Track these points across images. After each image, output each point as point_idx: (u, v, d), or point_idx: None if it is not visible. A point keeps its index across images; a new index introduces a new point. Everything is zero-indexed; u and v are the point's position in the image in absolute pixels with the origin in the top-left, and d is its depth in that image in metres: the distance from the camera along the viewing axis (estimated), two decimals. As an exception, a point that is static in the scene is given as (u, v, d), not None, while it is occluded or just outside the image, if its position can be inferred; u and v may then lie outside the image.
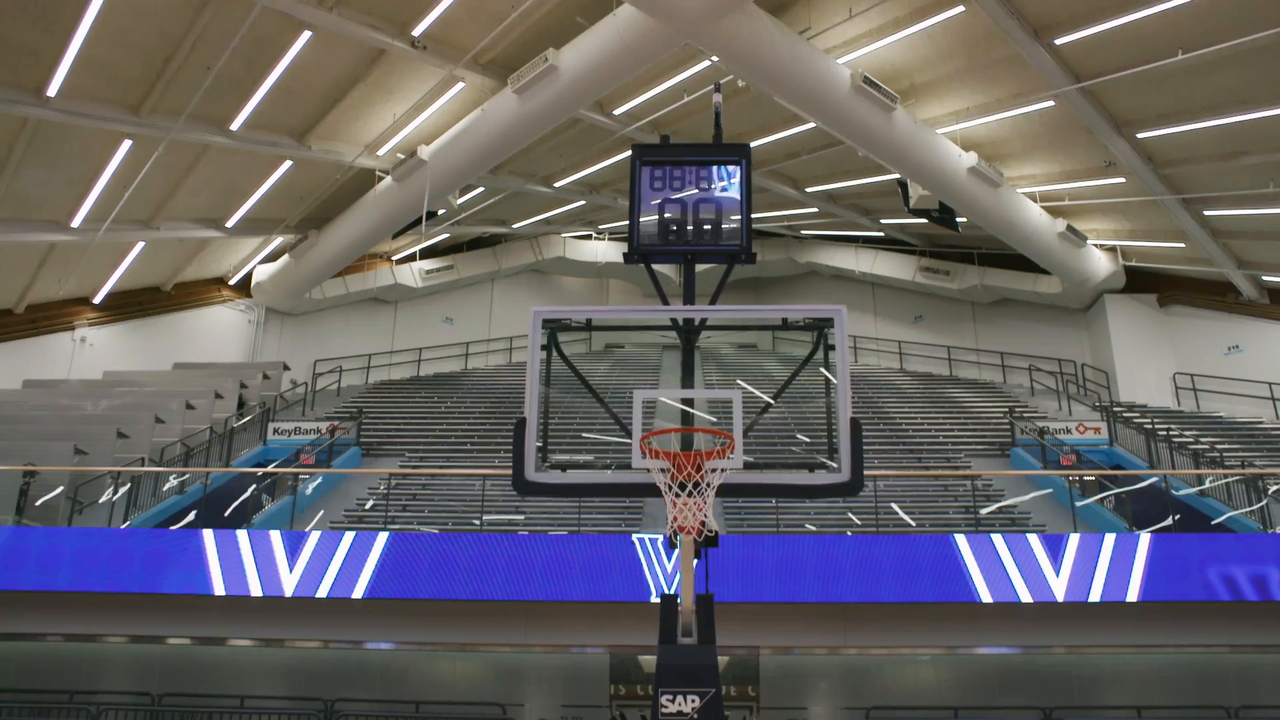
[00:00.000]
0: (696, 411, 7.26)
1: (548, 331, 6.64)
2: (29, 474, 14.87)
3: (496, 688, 12.99)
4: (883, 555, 11.32)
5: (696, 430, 6.33)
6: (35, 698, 12.55)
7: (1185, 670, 12.72)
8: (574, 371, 7.09)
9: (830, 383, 6.51)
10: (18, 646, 13.27)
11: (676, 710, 7.97)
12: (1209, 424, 21.48)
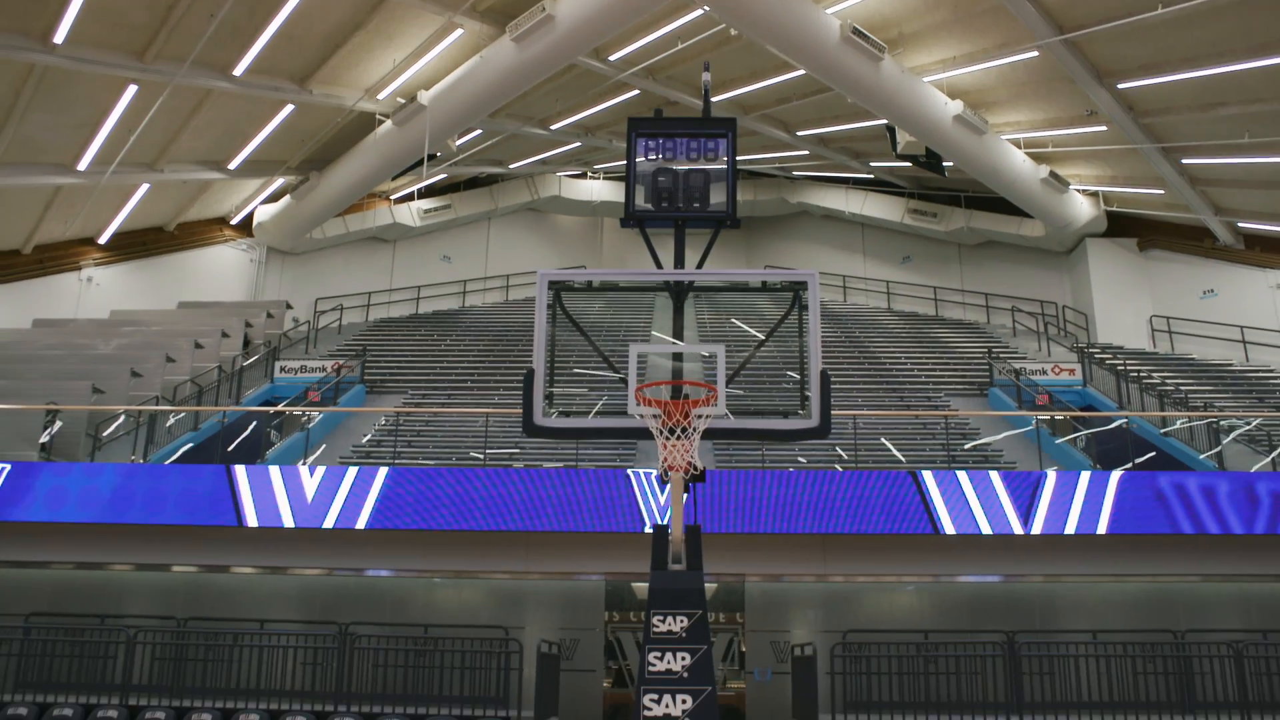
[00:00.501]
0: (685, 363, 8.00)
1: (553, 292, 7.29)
2: (51, 412, 15.60)
3: (499, 612, 13.91)
4: (861, 490, 12.15)
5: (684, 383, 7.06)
6: (68, 621, 13.41)
7: (1138, 598, 13.69)
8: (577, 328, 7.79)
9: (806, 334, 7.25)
10: (51, 574, 14.11)
11: (666, 630, 8.84)
12: (1181, 366, 22.33)
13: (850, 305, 30.21)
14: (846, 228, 31.57)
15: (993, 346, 23.27)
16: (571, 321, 7.72)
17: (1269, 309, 23.18)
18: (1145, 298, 25.17)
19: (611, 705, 14.00)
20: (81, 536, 12.81)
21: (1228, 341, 23.38)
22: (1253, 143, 18.79)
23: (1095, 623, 13.29)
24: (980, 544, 12.22)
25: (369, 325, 27.44)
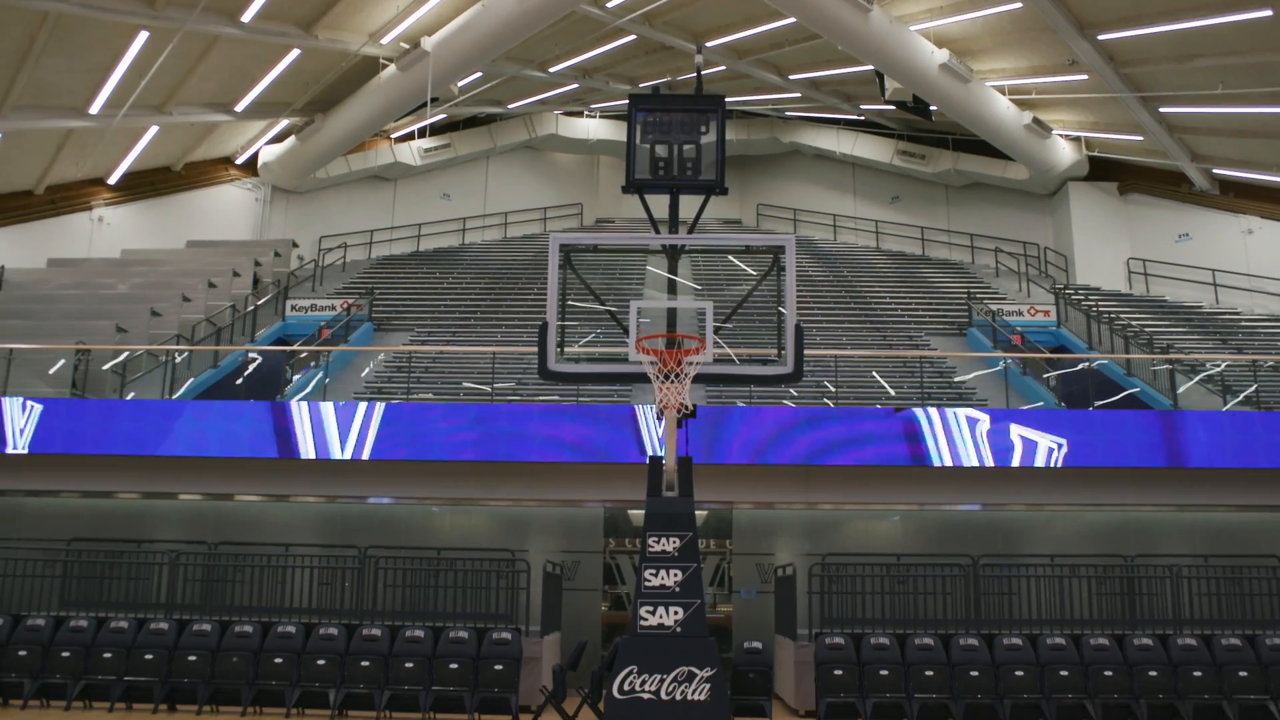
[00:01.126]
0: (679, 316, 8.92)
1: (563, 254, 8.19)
2: (81, 352, 16.52)
3: (506, 537, 15.03)
4: (841, 424, 13.19)
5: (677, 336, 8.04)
6: (108, 545, 14.50)
7: (1092, 526, 14.86)
8: (587, 289, 8.69)
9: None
10: (88, 502, 15.16)
11: (661, 550, 9.95)
12: (1153, 307, 23.34)
13: (840, 244, 31.04)
14: (837, 168, 32.22)
15: (973, 289, 24.21)
16: (581, 281, 8.62)
17: (1240, 253, 24.13)
18: (1124, 240, 26.07)
19: (608, 624, 15.20)
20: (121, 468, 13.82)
21: (1200, 284, 24.37)
22: (1226, 94, 19.55)
23: (1053, 548, 14.44)
24: (950, 475, 13.30)
25: (372, 263, 28.24)
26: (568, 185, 34.29)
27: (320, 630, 11.52)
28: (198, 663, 11.17)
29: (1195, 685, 10.98)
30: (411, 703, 10.96)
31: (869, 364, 18.63)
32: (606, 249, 14.35)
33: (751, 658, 11.53)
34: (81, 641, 11.50)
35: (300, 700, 10.98)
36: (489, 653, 11.21)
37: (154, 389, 16.68)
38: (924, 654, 11.22)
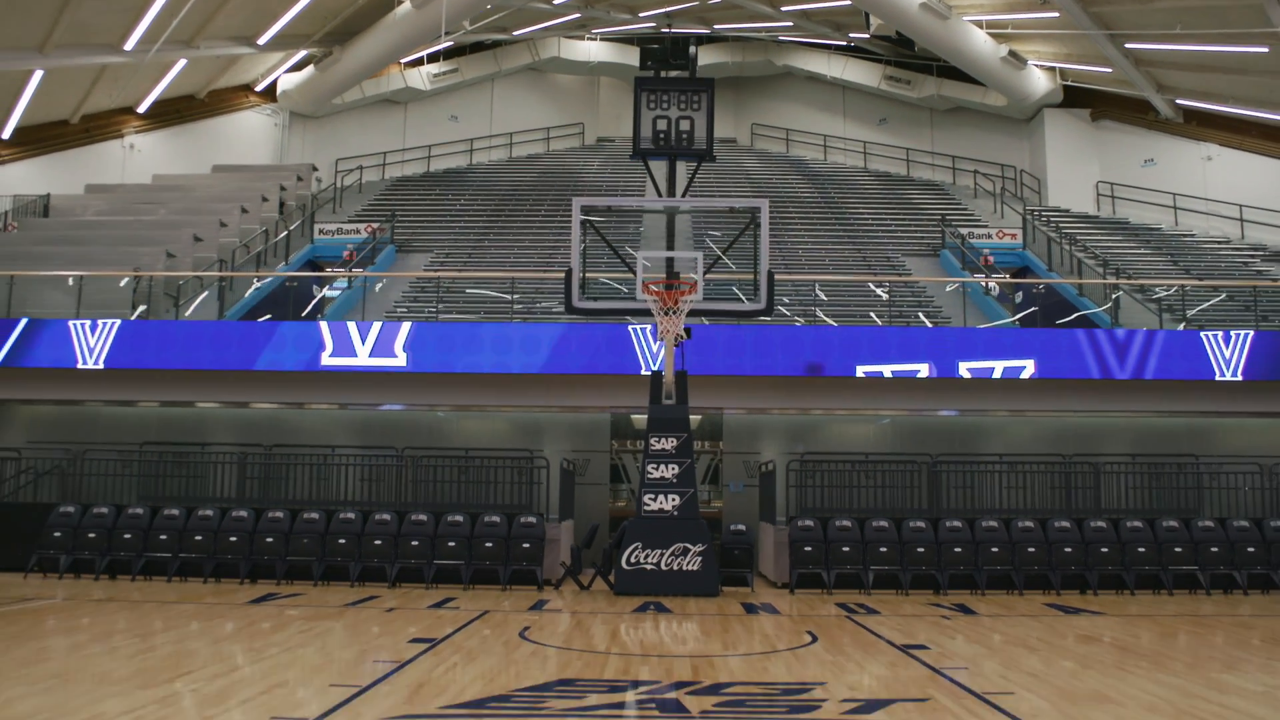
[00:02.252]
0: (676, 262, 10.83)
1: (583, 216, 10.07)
2: (136, 277, 18.38)
3: (524, 439, 17.17)
4: (815, 340, 15.18)
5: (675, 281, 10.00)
6: (174, 448, 16.64)
7: (1037, 429, 17.00)
8: (604, 241, 10.59)
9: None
10: (155, 410, 17.25)
11: (661, 448, 12.15)
12: (1116, 228, 25.18)
13: (830, 164, 32.63)
14: (828, 90, 33.59)
15: (949, 212, 25.98)
16: (599, 234, 10.50)
17: (1200, 179, 25.88)
18: (1094, 164, 27.75)
19: (614, 514, 17.44)
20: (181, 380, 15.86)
21: (1162, 207, 26.17)
22: (1185, 33, 21.08)
23: (1002, 448, 16.63)
24: (912, 385, 15.38)
25: (387, 185, 29.88)
26: (570, 105, 35.65)
27: (375, 516, 13.72)
28: (274, 543, 13.39)
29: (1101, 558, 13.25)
30: (454, 575, 13.22)
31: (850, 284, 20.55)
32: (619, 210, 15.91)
33: (737, 538, 13.78)
34: (174, 527, 13.70)
35: (361, 575, 13.23)
36: (517, 534, 13.42)
37: (205, 309, 18.63)
38: (879, 534, 13.45)
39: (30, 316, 16.05)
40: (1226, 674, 7.30)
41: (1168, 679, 6.88)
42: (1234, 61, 22.15)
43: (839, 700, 6.06)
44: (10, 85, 22.50)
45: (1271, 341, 15.32)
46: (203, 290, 19.32)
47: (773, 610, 10.98)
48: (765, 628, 9.54)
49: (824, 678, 6.85)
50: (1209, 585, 13.21)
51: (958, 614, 10.82)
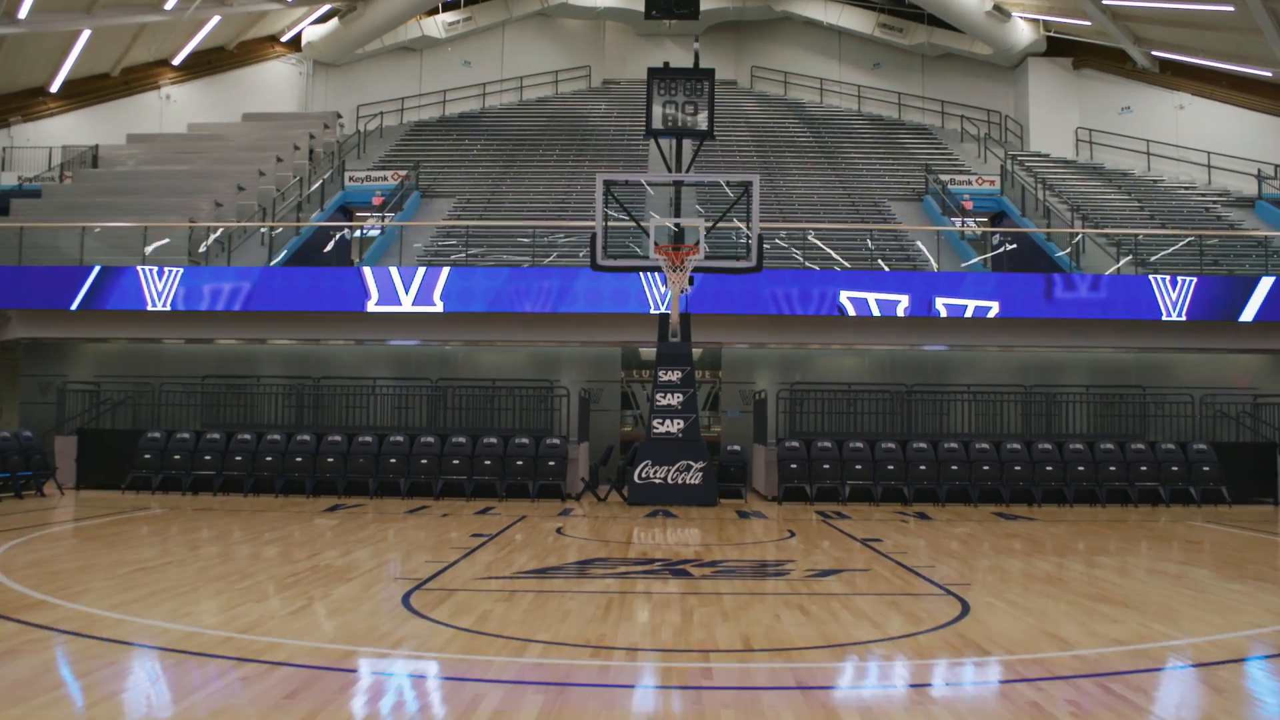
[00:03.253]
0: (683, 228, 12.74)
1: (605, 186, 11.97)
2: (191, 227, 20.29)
3: (545, 370, 19.26)
4: (801, 283, 17.13)
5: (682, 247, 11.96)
6: (231, 381, 18.74)
7: (1001, 362, 19.06)
8: (623, 208, 12.49)
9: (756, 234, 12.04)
10: (214, 347, 19.32)
11: (667, 379, 14.19)
12: (1091, 172, 26.90)
13: (826, 107, 34.13)
14: (825, 35, 34.89)
15: (934, 158, 27.68)
16: (618, 202, 12.42)
17: (1172, 126, 27.53)
18: (1074, 111, 29.34)
19: (625, 439, 19.59)
20: (242, 320, 17.90)
21: (1136, 153, 27.85)
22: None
23: (969, 379, 18.71)
24: (892, 323, 17.38)
25: (406, 129, 31.48)
26: (577, 49, 36.99)
27: (420, 439, 15.86)
28: (334, 463, 15.56)
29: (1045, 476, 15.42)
30: (490, 489, 15.42)
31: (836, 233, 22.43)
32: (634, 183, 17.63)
33: (733, 457, 15.95)
34: (247, 450, 15.86)
35: (410, 490, 15.42)
36: (543, 454, 15.57)
37: (255, 255, 20.57)
38: (855, 454, 15.60)
39: (101, 264, 18.01)
40: (1100, 556, 9.46)
41: (1053, 559, 9.04)
42: (1204, 18, 23.64)
43: (803, 570, 8.22)
44: (60, 43, 24.13)
45: (1213, 286, 17.29)
46: (248, 236, 21.28)
47: (761, 516, 13.17)
48: (754, 528, 11.72)
49: (795, 558, 9.01)
50: (1137, 499, 15.40)
51: (915, 519, 13.00)
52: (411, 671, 4.88)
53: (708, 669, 4.85)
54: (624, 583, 7.56)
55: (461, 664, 4.96)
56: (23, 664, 4.79)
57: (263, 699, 4.25)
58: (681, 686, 4.52)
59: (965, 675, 4.89)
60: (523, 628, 5.78)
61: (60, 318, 18.27)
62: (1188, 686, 4.78)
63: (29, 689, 4.35)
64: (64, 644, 5.28)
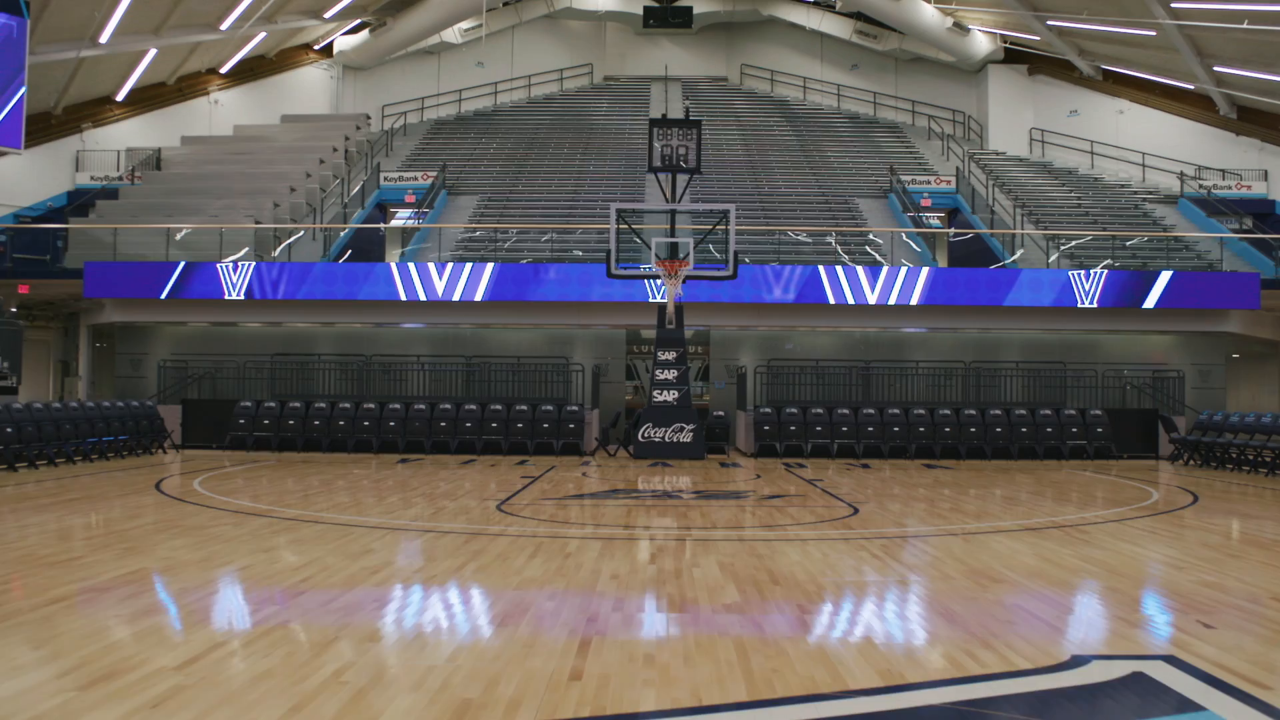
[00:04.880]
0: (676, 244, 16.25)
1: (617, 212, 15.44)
2: (257, 229, 23.72)
3: (561, 348, 22.80)
4: (777, 276, 20.64)
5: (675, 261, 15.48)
6: (293, 359, 22.28)
7: (944, 341, 22.65)
8: (631, 230, 15.97)
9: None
10: (282, 329, 22.83)
11: (664, 358, 17.72)
12: (1040, 169, 30.37)
13: (809, 104, 37.52)
14: (808, 36, 38.20)
15: (901, 157, 31.13)
16: (628, 226, 15.91)
17: (1113, 128, 30.99)
18: (1029, 113, 32.78)
19: (628, 406, 23.17)
20: (304, 307, 21.41)
21: (1081, 152, 31.32)
22: (1090, 16, 25.99)
23: (918, 356, 22.32)
24: (852, 309, 20.94)
25: (427, 127, 34.83)
26: (580, 48, 40.27)
27: (465, 406, 19.46)
28: (395, 426, 19.17)
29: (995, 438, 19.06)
30: (522, 447, 19.04)
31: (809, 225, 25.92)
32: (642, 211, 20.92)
33: (718, 420, 19.59)
34: (323, 415, 19.44)
35: (458, 448, 19.03)
36: (564, 418, 19.18)
37: (309, 250, 24.05)
38: (816, 418, 19.23)
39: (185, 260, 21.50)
40: (972, 489, 13.10)
41: (937, 489, 12.69)
42: (1134, 38, 27.06)
43: (759, 496, 11.86)
44: (129, 59, 27.45)
45: (1120, 278, 20.85)
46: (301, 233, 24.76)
47: (738, 466, 16.81)
48: (731, 474, 15.35)
49: (756, 489, 12.65)
50: (1044, 454, 19.07)
51: (858, 468, 16.66)
52: (521, 533, 8.45)
53: (688, 535, 8.46)
54: (638, 501, 11.17)
55: (548, 533, 8.56)
56: (320, 537, 8.39)
57: (452, 543, 7.86)
58: (674, 543, 8.13)
59: (834, 537, 8.48)
60: (578, 520, 9.41)
61: (150, 305, 21.78)
62: (961, 542, 8.35)
63: (350, 550, 7.94)
64: (328, 528, 8.86)
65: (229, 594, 6.11)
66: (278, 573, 6.66)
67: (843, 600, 6.01)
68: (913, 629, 5.34)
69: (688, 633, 5.09)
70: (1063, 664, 4.59)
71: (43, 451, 14.88)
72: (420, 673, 4.29)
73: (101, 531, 8.55)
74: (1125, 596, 6.25)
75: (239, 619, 5.48)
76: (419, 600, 5.93)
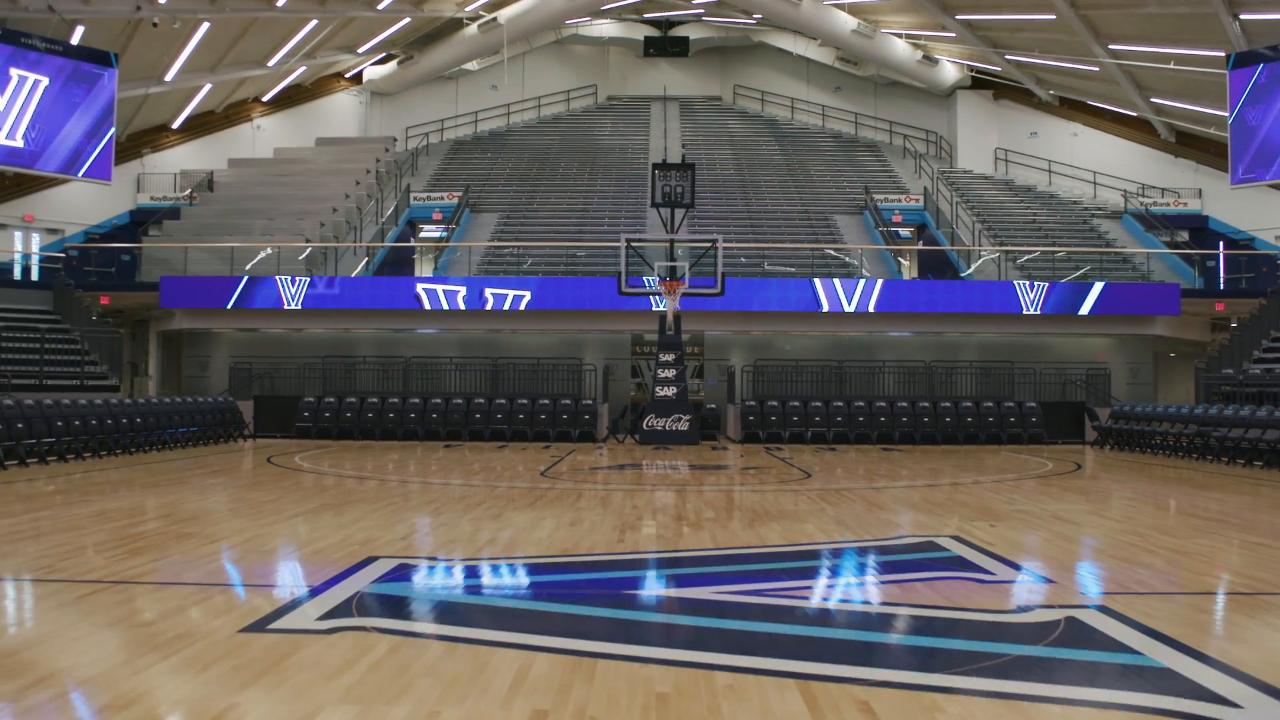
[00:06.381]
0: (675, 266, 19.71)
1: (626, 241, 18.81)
2: (309, 247, 27.07)
3: (573, 350, 26.17)
4: (764, 287, 23.98)
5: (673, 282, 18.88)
6: (338, 360, 25.64)
7: (909, 343, 26.02)
8: (637, 254, 19.34)
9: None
10: (332, 333, 26.19)
11: (664, 360, 21.13)
12: (1003, 185, 33.74)
13: (796, 123, 40.87)
14: (795, 61, 41.48)
15: (874, 178, 34.50)
16: (635, 252, 19.26)
17: (1068, 149, 34.38)
18: (994, 134, 36.14)
19: (633, 400, 26.54)
20: (346, 315, 24.77)
21: (1040, 170, 34.70)
22: (1042, 53, 29.36)
23: (885, 356, 25.71)
24: (828, 316, 24.32)
25: (446, 146, 38.16)
26: (585, 71, 43.62)
27: (495, 400, 22.84)
28: (437, 418, 22.54)
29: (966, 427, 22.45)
30: (545, 435, 22.42)
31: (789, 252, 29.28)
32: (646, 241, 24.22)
33: (711, 412, 22.99)
34: (375, 409, 22.82)
35: (490, 435, 22.41)
36: (580, 410, 22.55)
37: (348, 262, 27.42)
38: (794, 410, 22.62)
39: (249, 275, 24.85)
40: (908, 464, 16.49)
41: (885, 466, 16.10)
42: (1082, 72, 30.42)
43: (739, 467, 15.25)
44: (188, 93, 30.82)
45: (1060, 288, 24.21)
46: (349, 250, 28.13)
47: (726, 449, 20.20)
48: (720, 455, 18.72)
49: (737, 464, 16.04)
50: (986, 440, 22.47)
51: (825, 451, 20.04)
52: (566, 488, 11.78)
53: (684, 488, 11.82)
54: (646, 471, 14.56)
55: (585, 487, 11.91)
56: (438, 493, 11.76)
57: (522, 494, 11.25)
58: (675, 492, 11.49)
59: (786, 490, 11.83)
60: (603, 481, 12.79)
61: (217, 314, 25.13)
62: (873, 491, 11.67)
63: (469, 500, 11.31)
64: (429, 486, 12.21)
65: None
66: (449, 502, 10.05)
67: (778, 516, 9.39)
68: (815, 526, 8.72)
69: (682, 527, 8.49)
70: (891, 538, 8.00)
71: (156, 438, 18.24)
72: (544, 540, 7.67)
73: (288, 488, 11.93)
74: (956, 511, 9.62)
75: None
76: (529, 517, 9.31)
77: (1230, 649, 4.59)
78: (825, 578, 6.74)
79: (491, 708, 3.66)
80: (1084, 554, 7.51)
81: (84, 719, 3.60)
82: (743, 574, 6.72)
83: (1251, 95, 23.51)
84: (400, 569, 6.48)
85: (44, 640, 4.56)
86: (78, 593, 5.63)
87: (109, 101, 24.18)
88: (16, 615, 5.35)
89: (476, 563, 6.88)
